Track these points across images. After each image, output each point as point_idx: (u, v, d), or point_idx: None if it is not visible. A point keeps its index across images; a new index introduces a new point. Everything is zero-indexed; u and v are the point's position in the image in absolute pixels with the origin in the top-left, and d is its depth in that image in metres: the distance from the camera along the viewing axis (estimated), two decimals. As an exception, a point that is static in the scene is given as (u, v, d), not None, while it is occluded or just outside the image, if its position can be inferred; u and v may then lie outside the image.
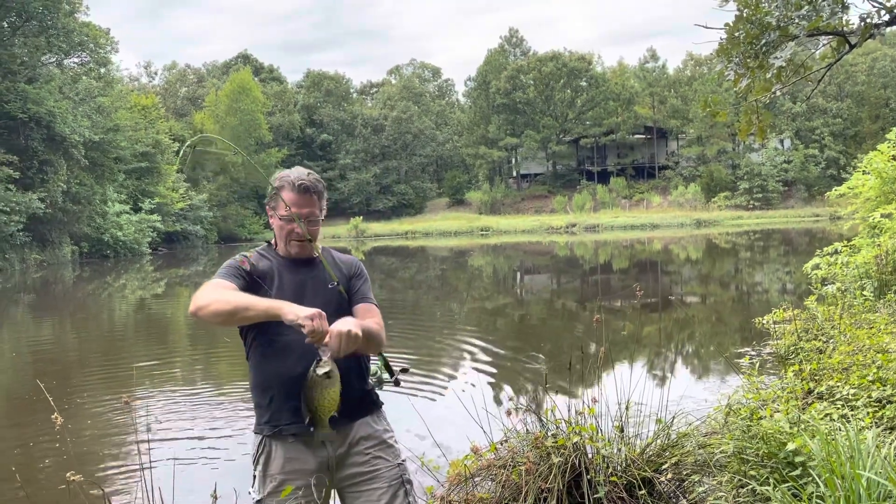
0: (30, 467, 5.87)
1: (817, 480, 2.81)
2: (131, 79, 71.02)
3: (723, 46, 4.00)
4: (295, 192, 2.61)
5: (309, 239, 2.64)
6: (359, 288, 2.72)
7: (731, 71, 3.99)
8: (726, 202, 57.67)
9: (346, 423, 2.60)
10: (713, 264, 25.53)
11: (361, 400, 2.69)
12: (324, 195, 2.71)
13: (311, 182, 2.64)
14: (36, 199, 32.53)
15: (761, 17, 3.83)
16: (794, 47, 3.77)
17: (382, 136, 72.25)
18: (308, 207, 2.61)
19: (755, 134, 4.49)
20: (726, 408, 3.75)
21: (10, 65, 33.91)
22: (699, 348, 9.93)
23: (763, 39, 3.74)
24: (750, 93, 4.12)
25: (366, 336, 2.42)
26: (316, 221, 2.64)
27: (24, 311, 19.62)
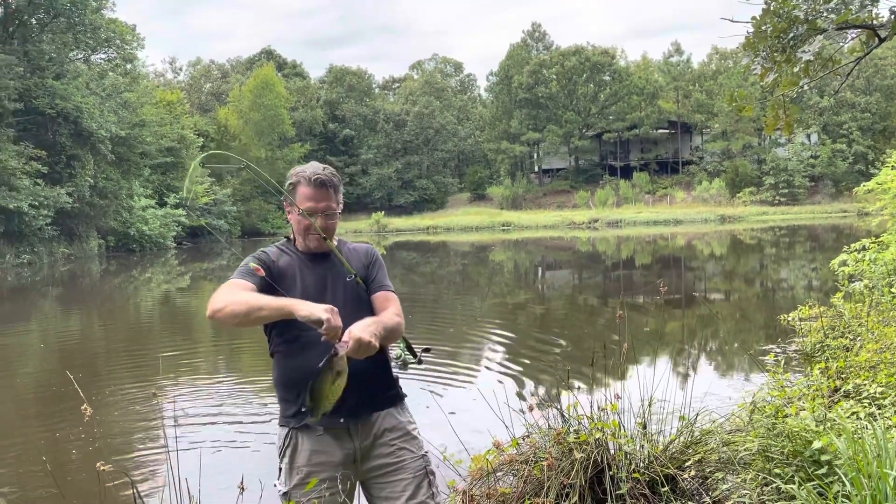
0: (58, 456, 5.98)
1: (843, 479, 2.78)
2: (156, 74, 71.78)
3: (749, 40, 3.95)
4: (311, 187, 2.63)
5: (325, 238, 2.66)
6: (375, 275, 2.74)
7: (757, 65, 3.95)
8: (751, 197, 56.98)
9: (370, 413, 2.65)
10: (737, 260, 25.26)
11: (385, 390, 2.72)
12: (340, 189, 2.72)
13: (326, 176, 2.65)
14: (64, 194, 33.03)
15: (789, 10, 3.78)
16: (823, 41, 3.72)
17: (404, 132, 72.33)
18: (325, 201, 2.63)
19: (782, 129, 4.43)
20: (751, 405, 3.72)
21: (38, 61, 34.42)
22: (723, 345, 9.84)
23: (791, 33, 3.69)
24: (777, 87, 4.07)
25: (384, 335, 2.47)
26: (333, 215, 2.66)
27: (52, 303, 19.96)
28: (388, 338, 2.57)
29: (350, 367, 2.47)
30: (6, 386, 9.27)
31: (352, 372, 2.49)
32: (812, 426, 3.27)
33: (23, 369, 10.38)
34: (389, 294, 2.72)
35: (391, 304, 2.67)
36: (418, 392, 6.84)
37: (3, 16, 35.40)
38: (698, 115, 63.67)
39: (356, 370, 2.54)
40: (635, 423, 3.66)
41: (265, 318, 2.47)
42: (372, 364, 2.61)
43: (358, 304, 2.64)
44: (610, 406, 3.53)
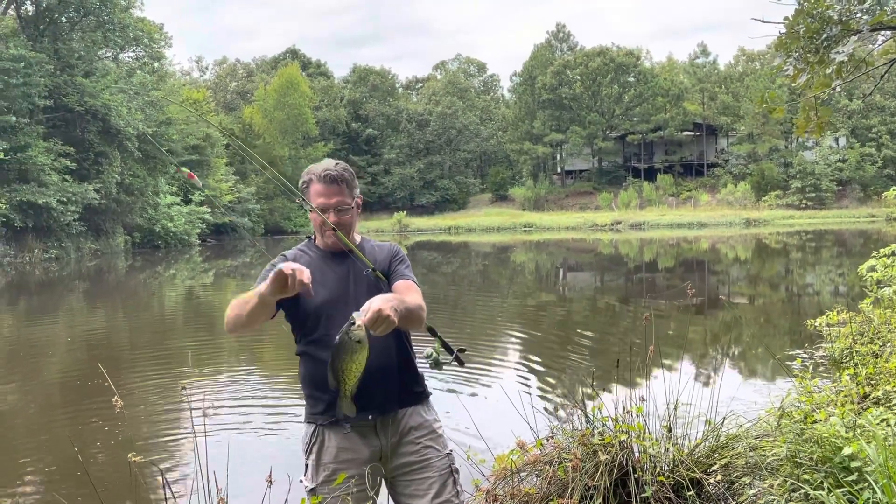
0: (86, 448, 6.07)
1: (874, 486, 2.74)
2: (183, 73, 72.52)
3: (781, 40, 3.91)
4: (322, 183, 2.65)
5: (333, 228, 2.64)
6: (396, 268, 2.71)
7: (790, 66, 3.90)
8: (777, 201, 56.27)
9: (396, 409, 2.67)
10: (763, 264, 24.97)
11: (412, 387, 2.73)
12: (353, 184, 2.71)
13: (337, 172, 2.66)
14: (91, 190, 33.52)
15: (822, 10, 3.73)
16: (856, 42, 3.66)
17: (427, 132, 72.43)
18: (337, 196, 2.63)
19: (813, 131, 4.38)
20: (779, 410, 3.68)
21: (68, 59, 34.98)
22: (748, 349, 9.73)
23: (824, 34, 3.65)
24: (809, 88, 4.02)
25: (404, 313, 2.40)
26: (346, 210, 2.65)
27: (78, 298, 20.26)
28: (409, 319, 2.47)
29: (376, 362, 2.48)
30: (35, 378, 9.43)
31: (378, 367, 2.52)
32: (842, 432, 3.23)
33: (50, 361, 10.55)
34: (411, 283, 2.67)
35: (413, 292, 2.62)
36: (441, 390, 6.85)
37: (34, 14, 36.03)
38: (724, 118, 63.01)
39: (382, 365, 2.57)
40: (660, 426, 3.64)
41: (256, 309, 2.45)
42: (398, 359, 2.66)
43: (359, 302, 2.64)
44: (635, 408, 3.51)
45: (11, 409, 7.78)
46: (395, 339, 2.62)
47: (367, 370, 2.50)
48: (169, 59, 44.42)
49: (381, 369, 2.58)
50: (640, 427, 3.48)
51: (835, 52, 3.59)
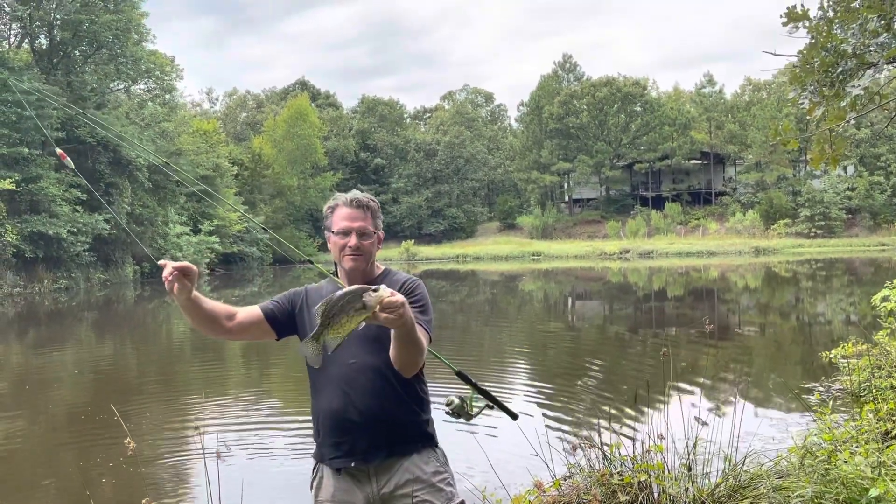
0: (95, 486, 5.99)
1: (905, 531, 2.66)
2: (194, 104, 73.43)
3: (796, 74, 3.90)
4: (349, 208, 2.64)
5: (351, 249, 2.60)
6: None
7: (805, 99, 3.89)
8: (786, 230, 56.09)
9: (385, 458, 2.52)
10: (773, 293, 24.79)
11: (405, 434, 2.56)
12: (378, 214, 2.70)
13: (364, 198, 2.67)
14: (102, 221, 33.73)
15: (836, 44, 3.72)
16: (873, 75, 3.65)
17: (435, 161, 72.85)
18: (360, 221, 2.61)
19: (828, 163, 4.35)
20: (802, 448, 3.59)
21: (81, 91, 35.45)
22: (763, 382, 9.59)
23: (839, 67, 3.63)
24: (824, 121, 4.00)
25: (411, 331, 2.27)
26: (368, 235, 2.61)
27: (87, 328, 20.26)
28: (410, 343, 2.32)
29: (361, 405, 2.46)
30: (42, 411, 9.37)
31: (364, 410, 2.47)
32: (867, 472, 3.14)
33: (58, 394, 10.50)
34: (422, 329, 2.47)
35: None
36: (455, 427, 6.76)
37: (48, 47, 36.62)
38: (731, 146, 63.15)
39: (368, 409, 2.49)
40: (679, 465, 3.56)
41: (189, 310, 2.51)
42: (387, 404, 2.51)
43: (368, 341, 2.49)
44: (654, 447, 3.43)
45: (18, 443, 7.72)
46: (384, 381, 2.48)
47: (351, 412, 2.49)
48: (180, 91, 45.08)
49: (366, 414, 2.49)
50: (660, 466, 3.40)
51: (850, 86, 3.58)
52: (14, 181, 28.52)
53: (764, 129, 55.62)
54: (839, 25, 4.03)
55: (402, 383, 2.51)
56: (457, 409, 2.66)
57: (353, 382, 2.51)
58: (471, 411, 2.69)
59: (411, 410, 2.57)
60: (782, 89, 60.32)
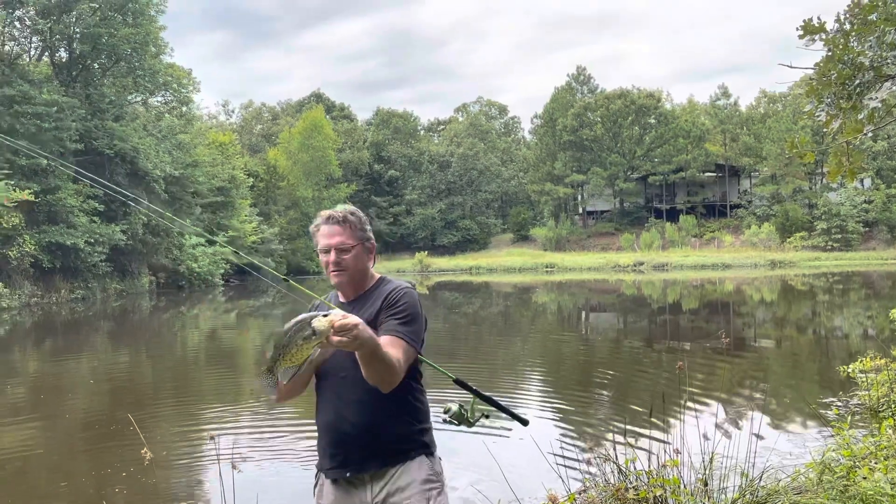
0: (109, 493, 6.02)
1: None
2: (210, 116, 74.13)
3: (813, 87, 3.88)
4: (326, 224, 2.68)
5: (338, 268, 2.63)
6: (385, 321, 2.53)
7: (821, 111, 3.87)
8: (802, 242, 55.63)
9: (379, 467, 2.56)
10: (789, 307, 24.57)
11: (397, 444, 2.57)
12: (359, 225, 2.68)
13: (340, 214, 2.69)
14: (118, 231, 34.03)
15: (853, 57, 3.71)
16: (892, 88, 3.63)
17: (448, 173, 73.03)
18: (338, 237, 2.63)
19: (845, 176, 4.32)
20: (820, 464, 3.55)
21: (99, 104, 35.89)
22: (779, 396, 9.49)
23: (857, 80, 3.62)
24: (840, 134, 3.98)
25: (371, 350, 2.24)
26: (346, 250, 2.63)
27: (103, 338, 20.40)
28: (375, 361, 2.29)
29: (355, 417, 2.51)
30: (57, 420, 9.44)
31: (357, 422, 2.53)
32: (887, 489, 3.10)
33: (73, 403, 10.57)
34: (396, 340, 2.46)
35: (392, 347, 2.42)
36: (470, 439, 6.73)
37: (67, 61, 37.13)
38: (746, 159, 62.83)
39: (361, 420, 2.53)
40: (696, 480, 3.53)
41: None
42: (379, 414, 2.54)
43: (345, 355, 2.46)
44: (670, 461, 3.40)
45: (34, 450, 7.77)
46: (375, 394, 2.46)
47: (344, 424, 2.55)
48: (196, 104, 45.44)
49: (358, 426, 2.54)
50: (676, 481, 3.37)
51: (868, 99, 3.56)
52: (33, 192, 28.85)
53: (779, 141, 55.30)
54: (856, 38, 4.02)
55: (394, 394, 2.50)
56: (455, 415, 2.63)
57: (345, 395, 2.57)
58: (470, 418, 2.66)
59: (404, 420, 2.59)
60: (798, 101, 60.03)
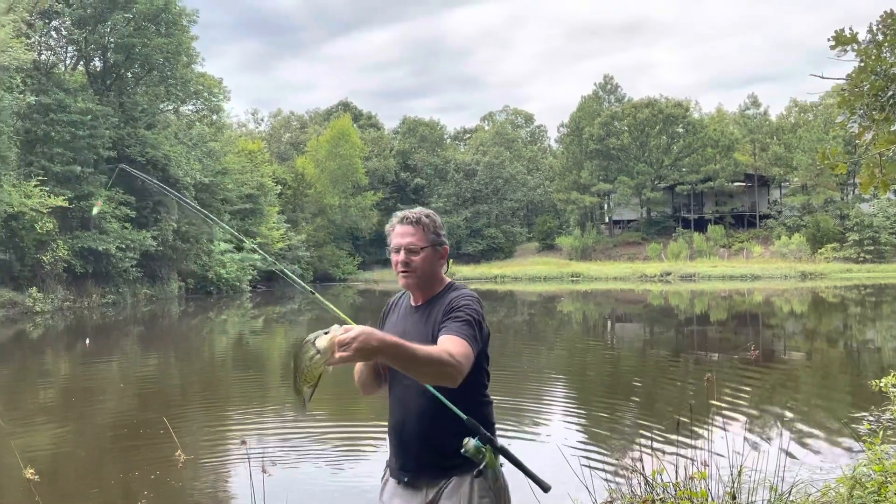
0: (138, 497, 6.11)
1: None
2: (239, 125, 75.03)
3: (845, 98, 3.85)
4: (399, 224, 2.69)
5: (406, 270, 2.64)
6: (445, 323, 2.50)
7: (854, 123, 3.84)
8: (834, 254, 54.66)
9: (431, 477, 2.56)
10: (820, 319, 24.17)
11: (452, 457, 2.50)
12: (432, 228, 2.67)
13: (414, 215, 2.69)
14: (149, 237, 34.56)
15: (886, 68, 3.68)
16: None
17: (474, 181, 73.07)
18: (409, 237, 2.64)
19: (878, 188, 4.27)
20: (851, 479, 3.50)
21: (132, 112, 36.54)
22: (809, 410, 9.35)
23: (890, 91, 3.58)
24: (873, 145, 3.94)
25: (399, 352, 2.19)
26: (415, 251, 2.63)
27: (133, 342, 20.72)
28: (410, 363, 2.24)
29: (412, 426, 2.54)
30: (88, 422, 9.60)
31: (414, 432, 2.56)
32: (920, 506, 3.05)
33: (104, 407, 10.75)
34: (449, 336, 2.41)
35: (448, 343, 2.38)
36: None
37: (101, 70, 37.89)
38: (776, 169, 61.96)
39: (417, 430, 2.55)
40: (724, 493, 3.50)
41: None
42: (439, 426, 2.53)
43: None
44: (698, 474, 3.38)
45: (64, 452, 7.91)
46: (435, 404, 2.48)
47: (404, 432, 2.59)
48: (227, 112, 46.06)
49: (416, 435, 2.58)
50: (703, 494, 3.35)
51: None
52: (66, 198, 29.44)
53: (810, 151, 54.49)
54: (889, 49, 3.98)
55: (462, 407, 2.48)
56: (471, 454, 2.45)
57: (408, 404, 2.59)
58: (479, 464, 2.47)
59: (462, 435, 2.50)
60: (829, 111, 59.14)
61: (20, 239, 28.87)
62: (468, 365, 2.36)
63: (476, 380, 2.57)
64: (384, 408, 2.75)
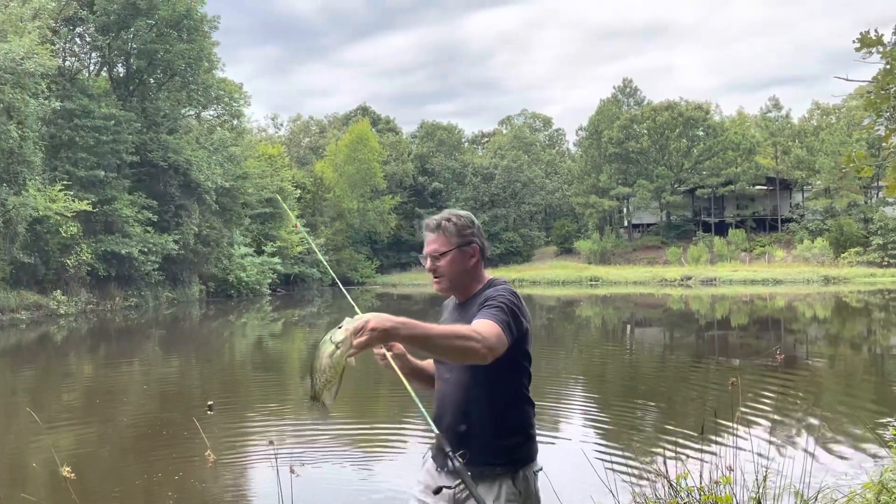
0: (160, 498, 6.18)
1: None
2: (259, 129, 75.62)
3: (871, 100, 3.82)
4: (425, 231, 2.68)
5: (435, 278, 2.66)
6: (479, 312, 2.44)
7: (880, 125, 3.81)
8: (857, 258, 53.92)
9: (467, 465, 2.47)
10: (843, 324, 23.86)
11: (487, 452, 2.50)
12: (454, 230, 2.62)
13: (435, 220, 2.66)
14: (171, 241, 34.93)
15: (913, 69, 3.64)
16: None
17: (492, 185, 73.04)
18: (432, 245, 2.63)
19: (904, 191, 4.23)
20: (877, 485, 3.47)
21: (154, 117, 36.98)
22: (834, 415, 9.24)
23: (916, 93, 3.55)
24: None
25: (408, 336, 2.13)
26: (439, 257, 2.61)
27: (155, 345, 20.94)
28: (432, 342, 2.17)
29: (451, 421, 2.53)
30: (111, 423, 9.72)
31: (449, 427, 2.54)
32: (949, 513, 3.02)
33: (126, 408, 10.87)
34: (481, 320, 2.36)
35: (477, 324, 2.33)
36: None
37: (125, 76, 38.38)
38: (798, 172, 61.29)
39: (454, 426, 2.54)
40: (748, 498, 3.48)
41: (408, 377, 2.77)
42: (474, 423, 2.52)
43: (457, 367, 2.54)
44: (722, 478, 3.37)
45: (87, 453, 8.01)
46: (472, 401, 2.49)
47: (442, 425, 2.55)
48: (247, 117, 46.43)
49: (450, 429, 2.55)
50: (728, 499, 3.33)
51: (928, 112, 3.49)
52: (90, 203, 29.84)
53: (833, 154, 53.85)
54: (916, 51, 3.94)
55: (491, 406, 2.50)
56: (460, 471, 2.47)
57: (447, 398, 2.59)
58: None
59: (495, 434, 2.52)
60: (852, 114, 58.43)
61: (45, 243, 29.31)
62: (499, 344, 2.30)
63: (516, 378, 2.56)
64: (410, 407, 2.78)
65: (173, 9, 34.86)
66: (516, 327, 2.45)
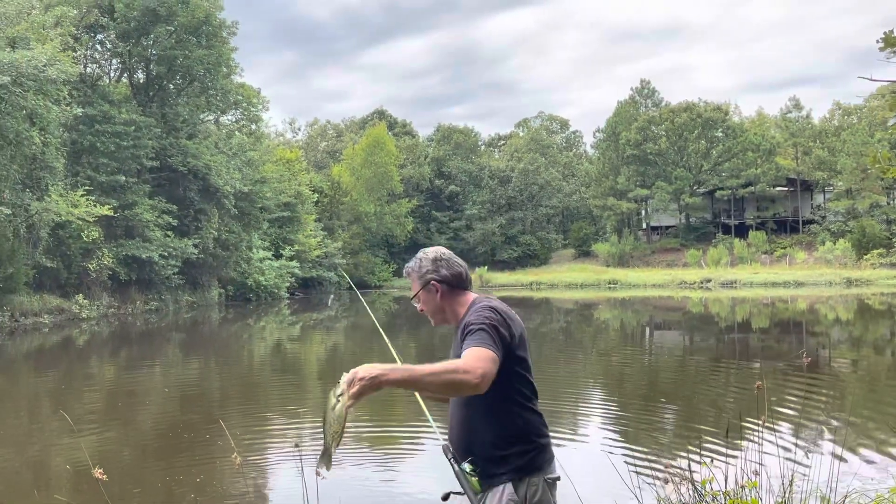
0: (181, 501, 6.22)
1: None
2: (277, 134, 76.10)
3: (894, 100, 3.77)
4: None
5: None
6: (464, 344, 2.52)
7: (907, 125, 3.76)
8: (880, 260, 53.17)
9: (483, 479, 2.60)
10: (867, 327, 23.54)
11: (489, 463, 2.60)
12: (416, 271, 2.80)
13: (405, 269, 2.89)
14: (191, 245, 35.22)
15: (941, 67, 3.59)
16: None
17: (509, 187, 72.93)
18: (413, 289, 2.85)
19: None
20: (908, 490, 3.41)
21: (174, 122, 37.34)
22: (860, 419, 9.11)
23: (945, 92, 3.50)
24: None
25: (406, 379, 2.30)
26: (414, 299, 2.84)
27: (175, 348, 21.11)
28: (424, 383, 2.33)
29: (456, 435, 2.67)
30: (132, 426, 9.80)
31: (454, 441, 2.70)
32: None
33: (147, 411, 10.96)
34: (467, 350, 2.44)
35: (465, 357, 2.41)
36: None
37: (145, 82, 38.81)
38: (819, 173, 60.62)
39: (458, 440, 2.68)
40: (774, 503, 3.44)
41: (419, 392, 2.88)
42: (476, 437, 2.63)
43: None
44: (748, 482, 3.33)
45: (108, 456, 8.09)
46: (472, 415, 2.63)
47: (450, 441, 2.70)
48: (265, 122, 46.69)
49: (457, 445, 2.70)
50: (755, 503, 3.29)
51: (957, 111, 3.44)
52: (112, 207, 30.17)
53: (855, 154, 53.21)
54: (943, 48, 3.88)
55: (492, 418, 2.60)
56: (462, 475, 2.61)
57: (454, 416, 2.74)
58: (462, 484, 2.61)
59: (497, 445, 2.60)
60: (874, 114, 57.73)
61: (67, 247, 29.68)
62: (490, 367, 2.39)
63: (511, 386, 2.60)
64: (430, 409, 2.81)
65: (192, 15, 35.18)
66: (500, 340, 2.53)
